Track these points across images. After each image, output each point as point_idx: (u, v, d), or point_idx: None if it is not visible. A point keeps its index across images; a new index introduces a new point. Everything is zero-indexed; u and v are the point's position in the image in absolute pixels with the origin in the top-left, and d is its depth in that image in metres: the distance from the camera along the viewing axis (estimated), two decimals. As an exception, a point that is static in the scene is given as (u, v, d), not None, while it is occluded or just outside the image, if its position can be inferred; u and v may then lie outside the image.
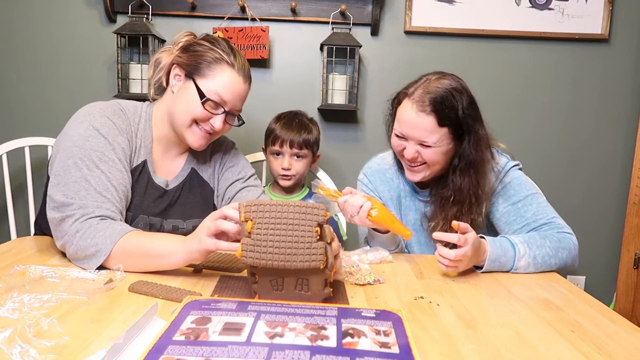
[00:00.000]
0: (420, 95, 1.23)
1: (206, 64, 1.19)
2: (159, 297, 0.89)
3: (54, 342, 0.70)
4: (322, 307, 0.75)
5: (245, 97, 1.25)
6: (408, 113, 1.24)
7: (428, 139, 1.23)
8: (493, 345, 0.77)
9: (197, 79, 1.19)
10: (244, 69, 1.22)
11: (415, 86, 1.27)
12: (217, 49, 1.20)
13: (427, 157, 1.26)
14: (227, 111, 1.21)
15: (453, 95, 1.23)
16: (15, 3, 2.09)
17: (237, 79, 1.20)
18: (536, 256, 1.17)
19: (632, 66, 2.18)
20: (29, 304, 0.83)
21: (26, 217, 1.98)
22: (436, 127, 1.22)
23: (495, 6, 2.12)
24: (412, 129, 1.24)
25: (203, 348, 0.59)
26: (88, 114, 1.16)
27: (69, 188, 1.07)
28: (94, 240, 1.01)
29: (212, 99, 1.18)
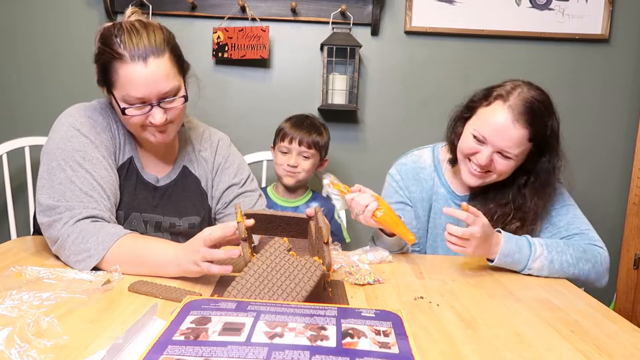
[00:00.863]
0: (518, 103, 1.17)
1: (109, 73, 1.07)
2: (159, 297, 0.89)
3: (53, 341, 0.69)
4: (322, 307, 0.75)
5: (162, 74, 1.06)
6: (502, 118, 1.17)
7: (512, 151, 1.18)
8: (493, 345, 0.77)
9: (112, 89, 1.09)
10: (139, 49, 1.04)
11: (506, 89, 1.21)
12: (106, 48, 1.06)
13: (499, 168, 1.21)
14: (155, 103, 1.08)
15: (547, 110, 1.20)
16: (15, 3, 2.09)
17: (135, 68, 1.04)
18: (553, 260, 1.13)
19: (632, 66, 2.18)
20: (28, 302, 0.83)
21: (26, 217, 1.98)
22: (525, 141, 1.18)
23: (496, 6, 2.12)
24: (500, 136, 1.17)
25: (203, 348, 0.59)
26: (68, 116, 1.14)
27: (54, 190, 1.06)
28: (86, 245, 1.00)
29: (129, 104, 1.08)
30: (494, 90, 1.23)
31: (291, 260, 0.84)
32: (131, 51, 1.04)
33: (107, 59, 1.07)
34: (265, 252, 0.86)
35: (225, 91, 2.16)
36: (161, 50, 1.07)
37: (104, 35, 1.09)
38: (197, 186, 1.31)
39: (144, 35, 1.07)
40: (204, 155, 1.33)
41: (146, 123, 1.11)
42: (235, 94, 2.17)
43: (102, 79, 1.11)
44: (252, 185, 1.38)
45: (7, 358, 0.65)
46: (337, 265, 1.13)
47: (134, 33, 1.06)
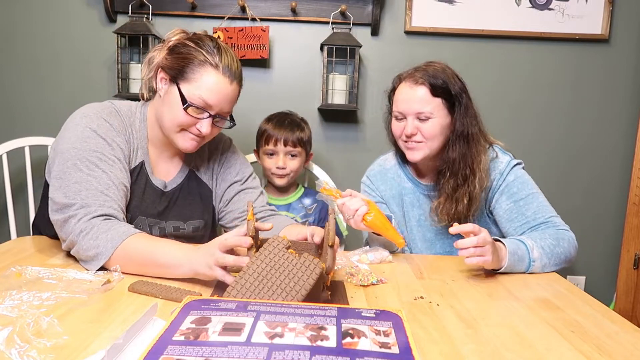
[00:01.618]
0: (411, 73, 1.34)
1: (190, 67, 1.14)
2: (159, 297, 0.89)
3: (53, 341, 0.69)
4: (322, 307, 0.75)
5: (233, 98, 1.20)
6: (403, 90, 1.34)
7: (424, 109, 1.30)
8: (493, 345, 0.77)
9: (181, 83, 1.15)
10: (231, 69, 1.16)
11: (406, 72, 1.38)
12: (201, 50, 1.15)
13: (425, 132, 1.31)
14: (213, 115, 1.17)
15: (442, 71, 1.33)
16: (15, 3, 2.09)
17: (222, 81, 1.15)
18: (543, 247, 1.18)
19: (632, 66, 2.18)
20: (28, 302, 0.83)
21: (26, 217, 1.98)
22: (430, 97, 1.30)
23: (495, 6, 2.12)
24: (408, 102, 1.31)
25: (203, 348, 0.59)
26: (84, 116, 1.15)
27: (69, 189, 1.06)
28: (96, 242, 1.01)
29: (195, 104, 1.14)
30: (395, 79, 1.41)
31: (290, 258, 0.84)
32: (224, 66, 1.14)
33: (198, 58, 1.13)
34: (264, 251, 0.86)
35: (225, 91, 2.16)
36: (239, 79, 1.20)
37: (201, 39, 1.17)
38: (202, 189, 1.33)
39: (235, 60, 1.18)
40: (210, 157, 1.36)
41: (189, 125, 1.16)
42: (235, 94, 2.17)
43: (176, 68, 1.15)
44: (253, 182, 1.40)
45: (7, 358, 0.65)
46: (338, 266, 1.13)
47: (228, 54, 1.17)
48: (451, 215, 1.32)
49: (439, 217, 1.36)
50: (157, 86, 1.20)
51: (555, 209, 1.33)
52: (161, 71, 1.18)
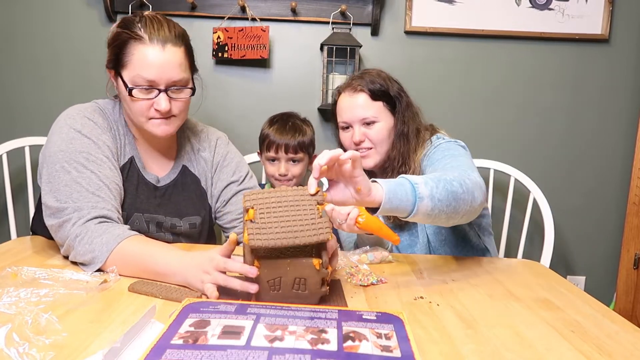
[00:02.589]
0: (348, 83, 1.40)
1: (121, 52, 1.10)
2: (159, 297, 0.89)
3: (52, 339, 0.69)
4: (323, 309, 0.74)
5: (175, 63, 1.10)
6: (344, 100, 1.38)
7: (367, 113, 1.35)
8: (493, 345, 0.77)
9: (122, 71, 1.11)
10: (159, 35, 1.09)
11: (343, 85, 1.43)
12: (125, 30, 1.10)
13: (372, 137, 1.35)
14: (163, 89, 1.11)
15: (378, 76, 1.38)
16: (15, 3, 2.09)
17: (153, 51, 1.08)
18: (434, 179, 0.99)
19: (632, 66, 2.18)
20: (26, 299, 0.82)
21: (26, 217, 1.98)
22: (370, 102, 1.35)
23: (496, 6, 2.11)
24: (351, 110, 1.36)
25: (202, 352, 0.58)
26: (68, 118, 1.14)
27: (60, 193, 1.05)
28: (91, 247, 1.00)
29: (137, 85, 1.09)
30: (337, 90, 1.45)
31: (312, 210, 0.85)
32: (151, 34, 1.08)
33: (124, 39, 1.10)
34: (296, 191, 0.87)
35: (225, 91, 2.16)
36: (178, 42, 1.12)
37: (125, 20, 1.13)
38: (197, 186, 1.31)
39: (165, 25, 1.12)
40: (203, 155, 1.34)
41: (150, 113, 1.13)
42: (235, 94, 2.17)
43: (113, 59, 1.13)
44: (250, 182, 1.38)
45: (6, 356, 0.65)
46: (337, 266, 1.13)
47: (156, 21, 1.11)
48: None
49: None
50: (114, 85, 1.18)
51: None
52: (108, 70, 1.17)
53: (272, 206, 0.83)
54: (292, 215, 0.83)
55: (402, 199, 0.93)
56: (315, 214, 0.84)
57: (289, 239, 0.80)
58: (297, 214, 0.83)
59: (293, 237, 0.80)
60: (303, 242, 0.81)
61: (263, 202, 0.84)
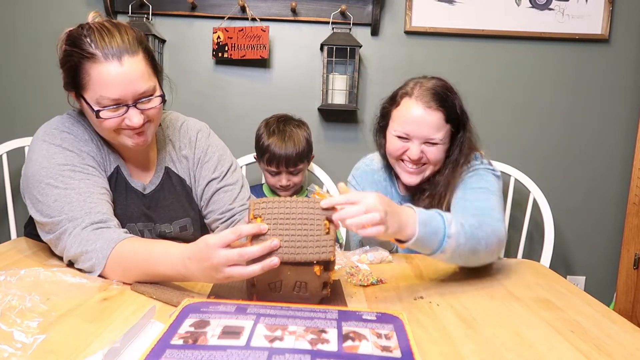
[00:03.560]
0: (421, 92, 1.25)
1: (77, 75, 1.02)
2: (160, 299, 0.89)
3: (41, 319, 0.69)
4: (323, 310, 0.74)
5: (137, 74, 1.02)
6: (414, 110, 1.24)
7: (435, 136, 1.24)
8: (493, 345, 0.77)
9: (83, 93, 1.03)
10: (113, 47, 0.99)
11: (410, 87, 1.29)
12: (75, 49, 1.01)
13: (431, 156, 1.26)
14: (131, 104, 1.03)
15: (451, 92, 1.27)
16: (15, 3, 2.09)
17: (110, 68, 0.99)
18: (463, 224, 1.01)
19: (632, 66, 2.18)
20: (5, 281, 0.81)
21: (26, 217, 1.98)
22: (443, 123, 1.24)
23: (495, 6, 2.11)
24: (419, 126, 1.24)
25: (202, 352, 0.58)
26: (45, 134, 1.09)
27: (52, 209, 1.02)
28: (88, 255, 0.97)
29: (103, 106, 1.02)
30: (398, 92, 1.31)
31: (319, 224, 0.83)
32: (104, 50, 0.99)
33: (76, 60, 1.01)
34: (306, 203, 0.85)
35: (225, 91, 2.16)
36: (135, 49, 1.02)
37: (72, 36, 1.03)
38: (182, 186, 1.27)
39: (116, 34, 1.02)
40: (185, 154, 1.27)
41: (122, 126, 1.06)
42: (235, 94, 2.17)
43: (70, 82, 1.05)
44: (232, 177, 1.30)
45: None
46: (337, 266, 1.13)
47: (105, 32, 1.01)
48: None
49: None
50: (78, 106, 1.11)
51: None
52: (67, 91, 1.10)
53: (280, 217, 0.82)
54: (297, 230, 0.81)
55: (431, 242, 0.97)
56: (322, 230, 0.82)
57: (290, 254, 0.80)
58: (303, 228, 0.82)
59: (294, 254, 0.80)
60: (304, 259, 0.80)
61: (271, 213, 0.83)
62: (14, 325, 0.70)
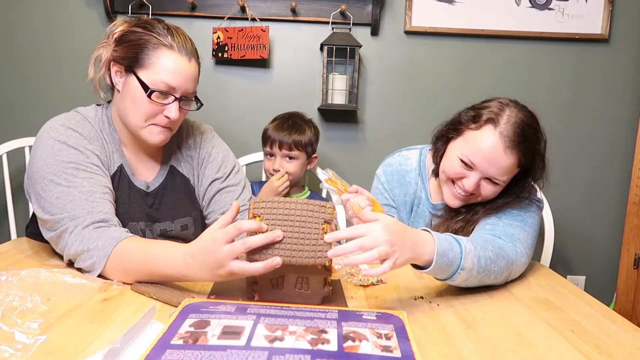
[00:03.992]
0: (509, 129, 1.11)
1: (144, 53, 1.10)
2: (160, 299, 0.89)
3: (42, 320, 0.69)
4: (323, 309, 0.74)
5: (195, 76, 1.15)
6: (494, 146, 1.11)
7: (501, 177, 1.14)
8: (493, 345, 0.77)
9: (138, 70, 1.10)
10: (186, 47, 1.13)
11: (495, 112, 1.15)
12: (152, 34, 1.11)
13: (485, 192, 1.17)
14: (179, 97, 1.13)
15: (536, 134, 1.15)
16: (15, 3, 2.09)
17: (181, 60, 1.11)
18: (480, 257, 0.98)
19: (632, 66, 2.18)
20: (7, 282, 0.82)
21: (26, 217, 1.98)
22: (515, 168, 1.14)
23: (495, 6, 2.11)
24: (491, 164, 1.12)
25: (202, 352, 0.58)
26: (51, 130, 1.11)
27: (54, 206, 1.03)
28: (89, 254, 0.98)
29: (158, 89, 1.09)
30: (482, 112, 1.17)
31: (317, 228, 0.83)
32: (178, 45, 1.11)
33: (149, 41, 1.10)
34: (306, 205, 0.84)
35: (225, 91, 2.16)
36: (197, 57, 1.17)
37: (147, 22, 1.14)
38: (186, 185, 1.29)
39: (188, 39, 1.16)
40: (190, 153, 1.30)
41: (156, 119, 1.13)
42: (235, 94, 2.17)
43: (129, 57, 1.11)
44: (235, 178, 1.33)
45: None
46: (338, 266, 1.13)
47: (181, 33, 1.15)
48: None
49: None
50: (114, 81, 1.15)
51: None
52: (114, 64, 1.14)
53: (278, 218, 0.82)
54: (295, 232, 0.82)
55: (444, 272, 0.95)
56: (319, 234, 0.82)
57: (286, 257, 0.80)
58: (301, 231, 0.82)
59: (290, 256, 0.80)
60: (300, 262, 0.80)
61: (270, 213, 0.83)
62: (15, 326, 0.70)
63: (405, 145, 1.49)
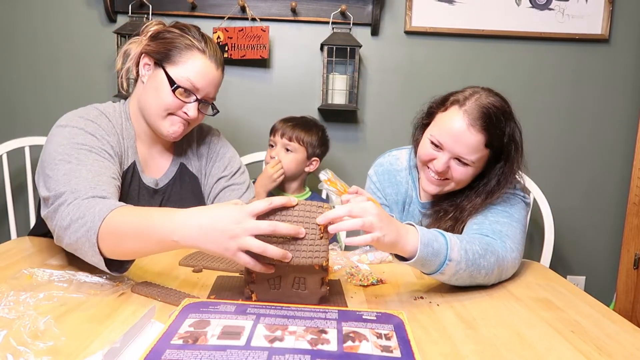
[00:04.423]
0: (473, 107, 1.14)
1: (176, 51, 1.16)
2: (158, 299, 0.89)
3: (50, 343, 0.69)
4: (323, 309, 0.74)
5: (218, 84, 1.22)
6: (457, 123, 1.15)
7: (468, 157, 1.16)
8: (493, 345, 0.77)
9: (167, 66, 1.16)
10: (216, 56, 1.20)
11: (463, 95, 1.19)
12: (187, 36, 1.17)
13: (456, 174, 1.19)
14: (200, 99, 1.18)
15: (504, 117, 1.16)
16: (15, 3, 2.09)
17: (209, 65, 1.18)
18: (467, 250, 0.99)
19: (632, 66, 2.18)
20: (24, 302, 0.82)
21: (26, 217, 1.98)
22: (482, 147, 1.15)
23: (495, 6, 2.11)
24: (456, 142, 1.15)
25: (201, 352, 0.58)
26: (69, 120, 1.11)
27: (58, 182, 0.99)
28: (83, 220, 0.90)
29: (183, 86, 1.15)
30: (451, 96, 1.21)
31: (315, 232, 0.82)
32: (209, 52, 1.18)
33: (185, 42, 1.16)
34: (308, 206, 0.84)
35: (225, 91, 2.16)
36: (223, 67, 1.23)
37: (184, 26, 1.21)
38: (195, 183, 1.31)
39: (218, 49, 1.22)
40: (200, 152, 1.34)
41: (175, 112, 1.17)
42: (235, 94, 2.17)
43: (161, 52, 1.17)
44: (240, 178, 1.36)
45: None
46: (338, 267, 1.13)
47: (212, 41, 1.22)
48: None
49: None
50: (140, 72, 1.20)
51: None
52: (145, 56, 1.19)
53: (276, 218, 0.82)
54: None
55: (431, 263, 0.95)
56: (316, 234, 0.82)
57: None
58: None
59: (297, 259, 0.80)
60: (297, 262, 0.81)
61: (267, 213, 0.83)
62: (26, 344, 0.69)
63: (405, 145, 1.49)
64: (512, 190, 1.23)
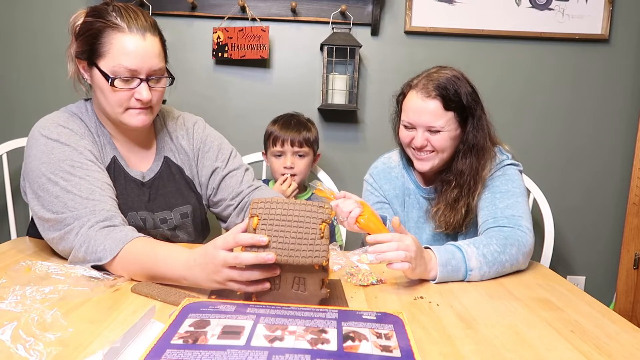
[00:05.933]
0: (424, 83, 1.31)
1: (97, 42, 1.07)
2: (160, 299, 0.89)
3: (59, 334, 0.70)
4: (323, 309, 0.74)
5: (155, 51, 1.10)
6: (414, 101, 1.31)
7: (435, 123, 1.29)
8: (493, 345, 0.77)
9: (98, 62, 1.08)
10: (137, 24, 1.08)
11: (417, 79, 1.35)
12: (100, 20, 1.07)
13: (436, 144, 1.31)
14: (144, 78, 1.10)
15: (455, 82, 1.30)
16: (15, 3, 2.09)
17: (133, 40, 1.07)
18: (485, 254, 1.10)
19: (632, 66, 2.18)
20: (31, 296, 0.83)
21: (26, 217, 1.98)
22: (442, 111, 1.28)
23: (495, 6, 2.11)
24: (419, 115, 1.30)
25: (202, 352, 0.58)
26: (42, 129, 1.11)
27: (54, 204, 1.03)
28: (96, 256, 0.98)
29: (119, 76, 1.07)
30: (406, 85, 1.38)
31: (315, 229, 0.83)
32: (129, 23, 1.07)
33: (100, 28, 1.07)
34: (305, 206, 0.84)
35: (225, 91, 2.16)
36: (155, 31, 1.12)
37: (96, 9, 1.10)
38: (181, 175, 1.30)
39: (140, 14, 1.10)
40: (182, 144, 1.31)
41: (130, 104, 1.11)
42: (235, 94, 2.17)
43: (86, 50, 1.09)
44: (234, 163, 1.35)
45: (13, 353, 0.65)
46: (337, 267, 1.13)
47: (131, 11, 1.10)
48: (449, 224, 1.34)
49: (437, 224, 1.37)
50: (84, 77, 1.15)
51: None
52: (78, 61, 1.13)
53: (277, 219, 0.82)
54: (293, 232, 0.82)
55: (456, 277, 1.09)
56: (316, 234, 0.82)
57: (284, 256, 0.80)
58: (299, 231, 0.82)
59: (287, 256, 0.80)
60: (297, 262, 0.80)
61: (268, 213, 0.83)
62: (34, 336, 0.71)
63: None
64: (507, 160, 1.36)
